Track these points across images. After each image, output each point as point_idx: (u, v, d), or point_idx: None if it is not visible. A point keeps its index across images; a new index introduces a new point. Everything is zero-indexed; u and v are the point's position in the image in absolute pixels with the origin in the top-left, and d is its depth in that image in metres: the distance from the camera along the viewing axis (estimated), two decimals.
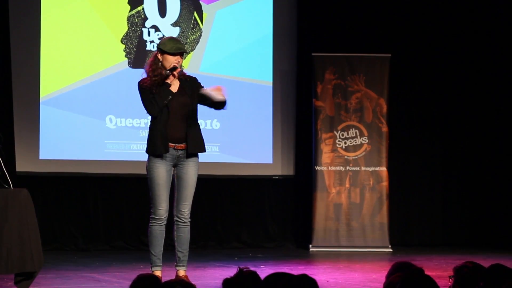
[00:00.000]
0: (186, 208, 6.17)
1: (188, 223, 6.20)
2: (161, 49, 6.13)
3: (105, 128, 9.24)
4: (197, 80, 6.32)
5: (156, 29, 9.43)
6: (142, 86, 6.12)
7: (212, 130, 9.51)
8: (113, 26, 9.32)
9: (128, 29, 9.36)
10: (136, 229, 9.33)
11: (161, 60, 6.12)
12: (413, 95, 10.28)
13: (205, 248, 9.52)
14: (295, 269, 7.33)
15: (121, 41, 9.32)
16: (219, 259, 8.44)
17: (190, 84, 6.24)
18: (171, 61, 6.10)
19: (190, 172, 6.18)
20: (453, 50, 10.35)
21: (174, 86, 6.16)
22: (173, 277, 6.11)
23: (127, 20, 9.37)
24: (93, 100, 9.20)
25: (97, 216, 9.36)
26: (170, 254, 6.36)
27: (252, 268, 3.38)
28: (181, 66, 6.24)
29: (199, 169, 9.50)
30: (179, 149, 6.13)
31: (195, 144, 6.17)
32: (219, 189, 9.80)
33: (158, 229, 6.15)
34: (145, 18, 9.42)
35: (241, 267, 3.37)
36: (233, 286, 3.29)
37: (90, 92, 9.19)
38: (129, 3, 9.38)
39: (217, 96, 6.14)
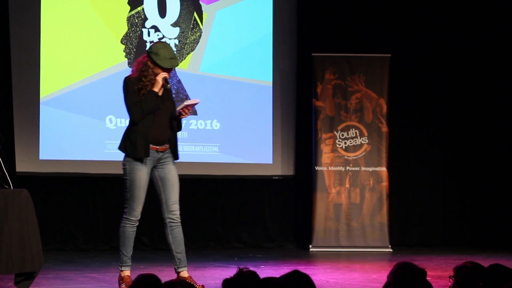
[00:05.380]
0: (177, 208, 6.15)
1: (180, 223, 6.17)
2: (153, 61, 5.99)
3: (105, 128, 9.24)
4: (172, 92, 6.31)
5: (156, 29, 9.44)
6: (130, 83, 6.01)
7: (212, 130, 9.52)
8: (113, 26, 9.32)
9: (128, 29, 9.36)
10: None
11: (151, 67, 6.00)
12: (413, 95, 10.28)
13: (205, 248, 9.52)
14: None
15: (121, 42, 9.32)
16: (219, 259, 8.44)
17: (170, 92, 6.23)
18: (161, 73, 5.99)
19: (173, 172, 6.16)
20: (453, 50, 10.35)
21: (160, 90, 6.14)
22: (174, 277, 6.10)
23: (127, 20, 9.37)
24: (93, 100, 9.20)
25: (97, 216, 9.37)
26: (168, 253, 6.34)
27: (252, 268, 3.38)
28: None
29: (199, 169, 9.51)
30: (161, 151, 6.10)
31: (175, 150, 6.19)
32: (219, 189, 9.80)
33: (131, 230, 6.15)
34: (145, 19, 9.42)
35: (241, 267, 3.37)
36: (233, 286, 3.29)
37: (90, 92, 9.19)
38: (129, 3, 9.38)
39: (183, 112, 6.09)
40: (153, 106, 5.97)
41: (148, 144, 6.00)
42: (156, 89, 5.97)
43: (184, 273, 6.14)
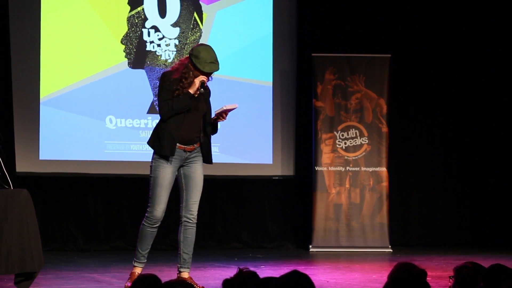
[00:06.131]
0: (195, 208, 6.11)
1: (195, 224, 6.15)
2: (194, 63, 5.97)
3: (105, 129, 9.24)
4: (209, 95, 6.24)
5: (156, 29, 9.44)
6: (167, 81, 5.98)
7: None
8: (113, 26, 9.32)
9: (128, 29, 9.36)
10: (136, 229, 9.22)
11: (192, 70, 5.98)
12: (413, 95, 10.28)
13: (205, 248, 9.52)
14: None
15: (121, 42, 9.32)
16: (219, 260, 8.44)
17: (207, 95, 6.19)
18: (200, 76, 5.98)
19: (199, 171, 6.13)
20: (453, 50, 10.35)
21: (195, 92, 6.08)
22: (174, 277, 6.09)
23: (127, 20, 9.37)
24: (93, 100, 9.20)
25: (97, 217, 9.36)
26: (172, 254, 6.35)
27: (252, 269, 3.38)
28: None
29: None
30: (188, 151, 6.08)
31: (208, 154, 6.15)
32: (219, 190, 9.80)
33: (150, 230, 6.13)
34: (145, 19, 9.42)
35: (241, 267, 3.37)
36: (233, 286, 3.29)
37: (90, 92, 9.19)
38: (129, 3, 9.38)
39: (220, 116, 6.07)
40: (183, 106, 5.95)
41: (175, 143, 5.98)
42: (191, 91, 5.96)
43: (185, 274, 6.13)
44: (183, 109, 5.97)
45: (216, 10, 9.67)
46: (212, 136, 6.27)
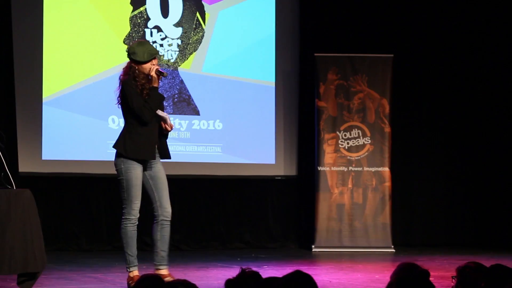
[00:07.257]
0: (169, 205, 6.27)
1: (170, 222, 6.29)
2: (133, 60, 6.09)
3: (107, 129, 9.24)
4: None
5: (159, 29, 9.44)
6: (131, 85, 6.08)
7: (214, 130, 9.52)
8: (116, 26, 9.33)
9: (131, 29, 9.36)
10: (138, 230, 9.30)
11: (137, 68, 6.10)
12: (415, 95, 10.27)
13: (207, 248, 9.52)
14: None
15: (124, 42, 9.32)
16: (222, 260, 8.44)
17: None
18: (147, 67, 6.08)
19: (162, 170, 6.28)
20: (456, 50, 10.34)
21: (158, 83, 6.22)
22: (180, 276, 6.10)
23: (130, 20, 9.37)
24: (96, 100, 9.20)
25: (100, 217, 9.37)
26: (172, 254, 6.35)
27: (254, 269, 3.38)
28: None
29: (201, 169, 9.50)
30: None
31: (165, 150, 6.28)
32: (222, 190, 9.80)
33: (133, 229, 6.28)
34: (148, 19, 9.42)
35: (243, 267, 3.38)
36: (235, 286, 3.29)
37: (92, 92, 9.19)
38: (131, 3, 9.39)
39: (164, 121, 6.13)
40: (158, 102, 6.10)
41: (154, 146, 6.12)
42: (155, 84, 6.09)
43: (165, 271, 6.22)
44: (159, 104, 6.14)
45: (219, 10, 9.67)
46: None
